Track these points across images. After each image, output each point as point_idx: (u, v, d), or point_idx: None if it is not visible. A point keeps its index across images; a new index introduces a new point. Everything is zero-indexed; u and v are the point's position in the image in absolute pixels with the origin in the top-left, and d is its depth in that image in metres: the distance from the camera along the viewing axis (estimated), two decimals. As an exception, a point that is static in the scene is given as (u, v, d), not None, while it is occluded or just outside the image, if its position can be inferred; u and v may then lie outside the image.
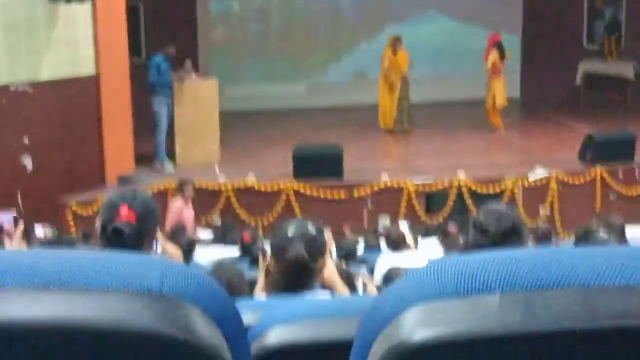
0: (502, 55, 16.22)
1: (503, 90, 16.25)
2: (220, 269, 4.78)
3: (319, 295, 3.14)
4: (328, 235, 9.20)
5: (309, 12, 19.45)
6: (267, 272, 3.64)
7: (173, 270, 1.08)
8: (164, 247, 4.68)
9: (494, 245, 3.13)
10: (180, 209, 11.68)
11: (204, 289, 1.09)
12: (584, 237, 3.69)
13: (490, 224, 3.20)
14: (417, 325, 1.03)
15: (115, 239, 3.07)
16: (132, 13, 14.56)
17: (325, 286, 3.36)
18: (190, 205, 11.90)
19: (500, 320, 1.01)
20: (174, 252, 4.93)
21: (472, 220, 3.33)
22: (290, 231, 3.22)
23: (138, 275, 1.06)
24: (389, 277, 6.09)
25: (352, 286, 4.81)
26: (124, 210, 3.12)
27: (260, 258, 3.91)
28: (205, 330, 1.06)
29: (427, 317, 1.04)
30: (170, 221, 11.23)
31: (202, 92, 14.56)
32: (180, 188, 11.95)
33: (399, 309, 1.05)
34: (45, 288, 1.04)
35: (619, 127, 15.73)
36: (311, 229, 3.26)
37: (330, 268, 3.45)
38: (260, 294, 3.81)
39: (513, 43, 19.83)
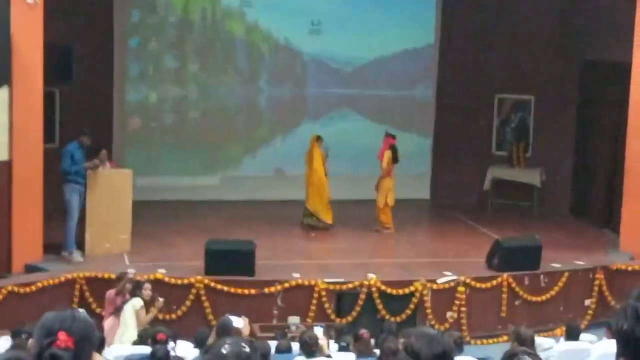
0: (395, 159, 16.64)
1: (393, 190, 16.62)
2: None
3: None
4: (245, 325, 9.16)
5: (225, 105, 19.61)
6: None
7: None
8: None
9: None
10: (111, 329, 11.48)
11: None
12: (510, 357, 3.77)
13: (422, 348, 3.27)
14: None
15: None
16: (47, 98, 14.48)
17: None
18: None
19: None
20: None
21: (404, 344, 3.40)
22: (225, 349, 3.22)
23: None
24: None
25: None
26: (62, 336, 3.04)
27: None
28: None
29: None
30: None
31: (116, 181, 14.49)
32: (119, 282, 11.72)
33: None
34: None
35: (525, 233, 16.11)
36: (245, 347, 3.26)
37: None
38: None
39: (424, 146, 20.30)
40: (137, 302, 11.32)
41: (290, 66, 19.80)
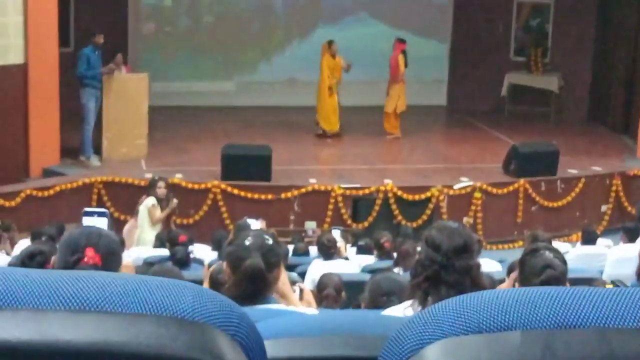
0: (405, 64, 16.43)
1: (404, 95, 16.45)
2: (162, 273, 4.77)
3: (274, 306, 3.17)
4: (263, 227, 9.19)
5: (240, 9, 19.40)
6: (211, 282, 3.66)
7: (204, 297, 1.10)
8: None
9: (446, 260, 3.18)
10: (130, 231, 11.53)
11: (233, 316, 1.12)
12: (530, 254, 3.78)
13: (442, 241, 3.25)
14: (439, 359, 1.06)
15: None
16: (62, 2, 14.34)
17: (278, 296, 3.40)
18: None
19: (521, 357, 1.05)
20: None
21: (424, 236, 3.38)
22: (248, 241, 3.23)
23: (171, 302, 1.08)
24: (324, 283, 6.14)
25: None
26: (90, 253, 2.99)
27: (205, 268, 3.91)
28: (234, 357, 1.09)
29: (450, 351, 1.07)
30: None
31: (131, 86, 14.44)
32: (151, 187, 11.71)
33: (421, 343, 1.08)
34: (82, 311, 1.06)
35: (542, 139, 16.04)
36: (268, 239, 3.28)
37: (283, 279, 3.48)
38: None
39: (441, 51, 20.10)
40: (149, 201, 11.36)
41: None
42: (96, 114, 14.13)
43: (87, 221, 4.52)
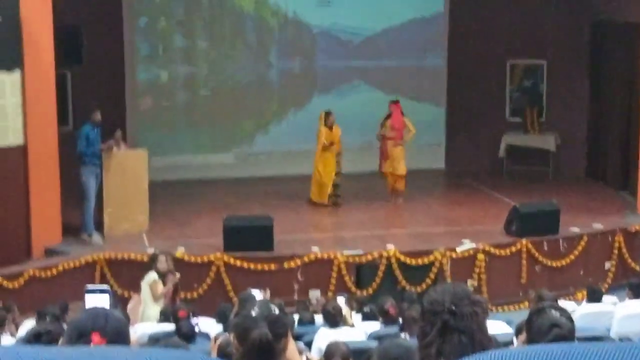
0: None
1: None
2: (169, 347, 4.74)
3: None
4: (267, 298, 9.16)
5: (236, 82, 19.58)
6: (219, 352, 3.65)
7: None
8: None
9: (453, 308, 3.19)
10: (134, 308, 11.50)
11: None
12: (537, 314, 3.78)
13: (443, 293, 3.27)
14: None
15: None
16: (59, 81, 14.48)
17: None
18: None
19: None
20: None
21: (423, 300, 3.39)
22: (254, 311, 3.24)
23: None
24: (331, 352, 6.10)
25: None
26: (96, 338, 2.93)
27: (212, 341, 3.90)
28: None
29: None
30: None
31: (131, 162, 14.52)
32: (152, 262, 11.66)
33: None
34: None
35: (542, 198, 16.07)
36: (274, 309, 3.28)
37: (291, 348, 3.47)
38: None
39: (437, 115, 20.23)
40: (150, 276, 11.34)
41: (299, 39, 19.74)
42: (96, 190, 14.18)
43: (89, 299, 4.49)
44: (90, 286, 4.39)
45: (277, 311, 3.28)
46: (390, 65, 20.03)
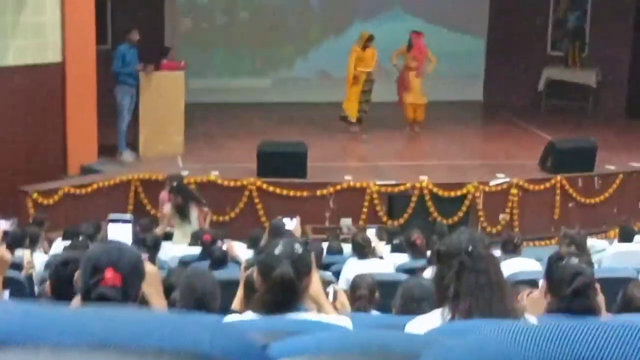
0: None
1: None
2: (195, 276, 4.79)
3: (305, 316, 3.19)
4: (297, 226, 9.25)
5: (276, 5, 19.45)
6: (246, 286, 3.69)
7: (221, 333, 1.12)
8: None
9: (469, 249, 3.26)
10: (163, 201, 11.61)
11: (250, 351, 1.14)
12: (556, 263, 3.77)
13: (458, 238, 3.36)
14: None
15: (99, 302, 2.94)
16: (99, 4, 14.44)
17: (312, 302, 3.43)
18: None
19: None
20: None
21: (434, 252, 3.48)
22: (278, 250, 3.26)
23: (189, 338, 1.10)
24: (357, 283, 6.15)
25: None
26: (110, 274, 2.96)
27: (241, 270, 3.94)
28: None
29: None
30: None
31: (168, 83, 14.51)
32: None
33: None
34: (101, 348, 1.08)
35: (579, 134, 15.93)
36: (298, 247, 3.30)
37: (316, 285, 3.50)
38: (237, 307, 3.85)
39: (477, 46, 20.02)
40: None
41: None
42: (131, 111, 14.23)
43: (111, 228, 4.53)
44: (113, 215, 4.43)
45: (300, 250, 3.29)
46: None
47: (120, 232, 4.39)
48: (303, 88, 19.16)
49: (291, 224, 8.90)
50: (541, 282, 3.97)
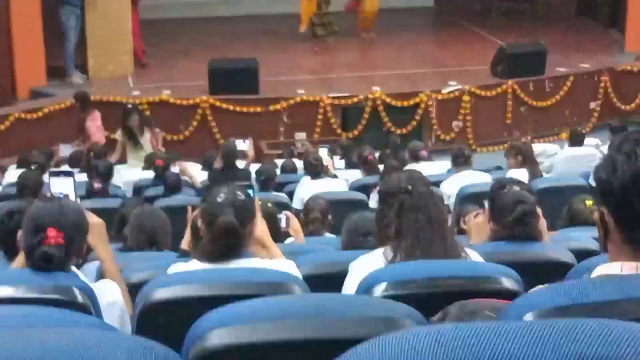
0: None
1: None
2: (145, 215, 4.82)
3: (249, 263, 3.24)
4: (250, 147, 9.24)
5: None
6: (192, 230, 3.72)
7: (139, 353, 1.15)
8: None
9: (408, 188, 3.32)
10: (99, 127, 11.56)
11: None
12: (498, 191, 3.85)
13: (398, 177, 3.42)
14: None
15: (43, 262, 3.00)
16: None
17: (257, 246, 3.49)
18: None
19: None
20: None
21: (379, 188, 3.53)
22: (220, 197, 3.29)
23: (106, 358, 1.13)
24: (310, 207, 6.21)
25: (276, 225, 4.92)
26: (52, 233, 3.01)
27: (189, 211, 3.97)
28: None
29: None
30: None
31: (113, 1, 14.24)
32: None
33: None
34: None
35: (531, 37, 15.94)
36: (240, 194, 3.33)
37: (260, 228, 3.55)
38: (186, 247, 3.89)
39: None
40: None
41: None
42: (78, 31, 13.99)
43: (53, 182, 4.53)
44: (53, 169, 4.42)
45: (243, 197, 3.32)
46: None
47: (62, 185, 4.38)
48: (253, 0, 18.88)
49: (244, 145, 8.91)
50: (485, 207, 4.03)
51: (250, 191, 3.50)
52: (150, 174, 9.24)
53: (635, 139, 1.90)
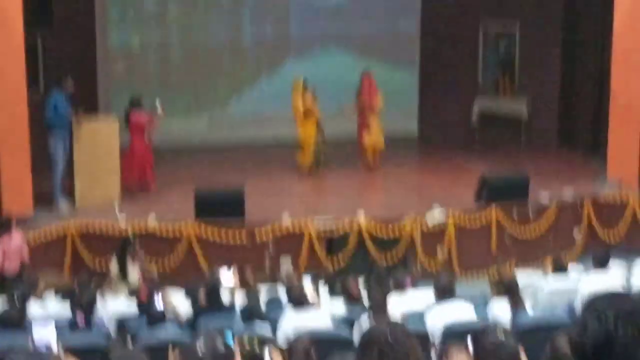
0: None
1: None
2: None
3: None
4: (234, 280, 9.23)
5: (209, 45, 19.49)
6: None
7: None
8: None
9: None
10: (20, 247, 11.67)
11: None
12: (482, 337, 3.88)
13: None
14: None
15: None
16: (30, 50, 14.34)
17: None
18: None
19: None
20: None
21: None
22: (200, 348, 3.30)
23: None
24: (293, 346, 6.19)
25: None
26: None
27: (170, 353, 3.97)
28: None
29: None
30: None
31: (102, 130, 14.46)
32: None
33: None
34: None
35: (514, 165, 16.16)
36: (220, 345, 3.34)
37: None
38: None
39: (410, 80, 20.24)
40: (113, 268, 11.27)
41: (272, 4, 19.64)
42: (65, 159, 14.15)
43: (36, 331, 4.55)
44: (37, 320, 4.41)
45: (223, 347, 3.34)
46: (364, 30, 19.98)
47: (44, 334, 4.39)
48: (238, 127, 19.21)
49: (228, 276, 8.91)
50: (469, 348, 4.05)
51: (229, 338, 3.50)
52: (134, 306, 9.21)
53: (606, 301, 1.95)
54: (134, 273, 10.84)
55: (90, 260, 12.92)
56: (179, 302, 9.60)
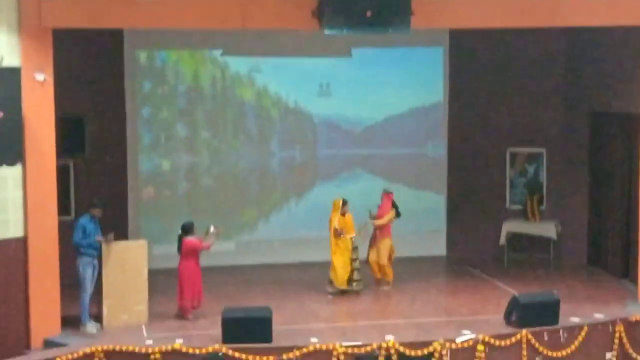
0: (397, 214, 16.92)
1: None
2: None
3: None
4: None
5: (238, 171, 19.73)
6: None
7: None
8: None
9: None
10: None
11: None
12: None
13: None
14: None
15: None
16: (61, 171, 14.63)
17: None
18: None
19: None
20: None
21: None
22: None
23: None
24: None
25: None
26: None
27: None
28: None
29: None
30: None
31: (130, 253, 14.58)
32: None
33: None
34: None
35: (543, 287, 16.05)
36: None
37: None
38: None
39: (438, 202, 20.33)
40: None
41: (300, 129, 19.95)
42: (94, 282, 14.26)
43: None
44: None
45: None
46: (391, 154, 20.20)
47: None
48: (266, 250, 19.29)
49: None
50: None
51: None
52: None
53: None
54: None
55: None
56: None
